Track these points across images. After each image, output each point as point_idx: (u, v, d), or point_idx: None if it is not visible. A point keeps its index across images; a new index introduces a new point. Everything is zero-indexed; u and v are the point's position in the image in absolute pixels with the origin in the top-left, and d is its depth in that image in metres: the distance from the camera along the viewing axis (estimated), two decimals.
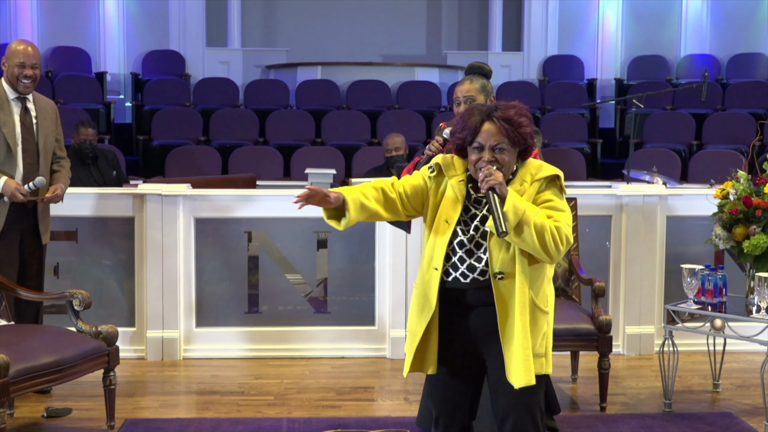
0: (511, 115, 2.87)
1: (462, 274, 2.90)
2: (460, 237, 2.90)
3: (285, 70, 12.04)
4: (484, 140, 2.87)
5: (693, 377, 5.21)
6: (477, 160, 2.88)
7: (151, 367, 5.40)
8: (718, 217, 4.58)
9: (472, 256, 2.90)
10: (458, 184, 2.95)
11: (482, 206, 2.93)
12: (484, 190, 2.81)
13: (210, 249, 5.62)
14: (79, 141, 7.04)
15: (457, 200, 2.93)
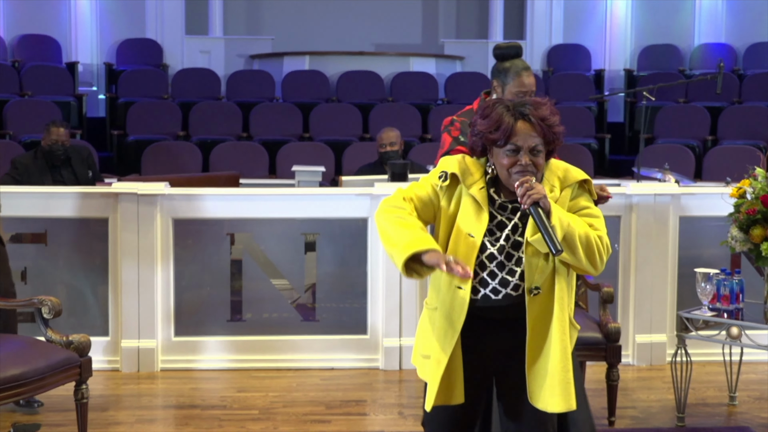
0: (546, 114, 2.79)
1: (493, 290, 2.82)
2: (489, 250, 2.81)
3: (270, 60, 12.04)
4: (521, 142, 2.76)
5: (708, 389, 5.22)
6: (512, 164, 2.77)
7: (126, 379, 5.40)
8: (735, 218, 4.59)
9: (503, 269, 2.82)
10: (479, 192, 2.83)
11: (508, 212, 2.84)
12: (526, 205, 2.70)
13: (190, 252, 5.62)
14: (50, 142, 6.93)
15: (481, 210, 2.81)
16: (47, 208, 5.47)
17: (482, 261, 2.81)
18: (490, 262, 2.82)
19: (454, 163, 2.87)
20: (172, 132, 10.00)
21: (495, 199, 2.85)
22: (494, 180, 2.86)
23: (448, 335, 2.84)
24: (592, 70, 12.20)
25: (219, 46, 12.23)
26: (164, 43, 11.93)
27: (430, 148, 8.97)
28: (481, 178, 2.85)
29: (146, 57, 11.76)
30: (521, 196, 2.70)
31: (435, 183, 2.86)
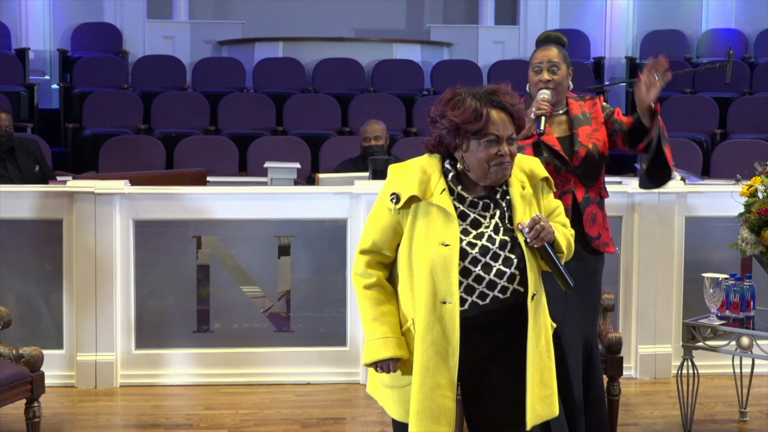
0: (516, 101, 2.91)
1: (480, 295, 2.88)
2: (471, 253, 2.88)
3: (240, 46, 12.03)
4: (500, 130, 2.87)
5: (716, 404, 5.25)
6: (491, 157, 2.86)
7: (82, 396, 5.38)
8: (745, 218, 4.62)
9: (490, 272, 2.88)
10: (442, 197, 2.90)
11: (479, 208, 2.92)
12: (538, 246, 2.87)
13: (152, 257, 5.61)
14: None
15: (449, 216, 2.89)
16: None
17: (465, 267, 2.86)
18: (475, 266, 2.87)
19: (408, 180, 2.94)
20: (132, 125, 9.96)
21: (464, 196, 2.93)
22: (459, 176, 2.94)
23: (449, 355, 2.88)
24: (591, 58, 12.25)
25: (184, 32, 12.20)
26: (124, 28, 11.89)
27: (415, 143, 8.97)
28: (441, 180, 2.93)
29: (104, 43, 11.72)
30: (532, 238, 2.85)
31: (390, 207, 2.94)
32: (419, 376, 2.88)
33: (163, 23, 12.18)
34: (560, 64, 4.11)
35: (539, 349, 2.93)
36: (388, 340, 2.94)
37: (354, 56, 11.49)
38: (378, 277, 2.99)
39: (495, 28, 12.58)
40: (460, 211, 2.91)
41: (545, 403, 2.94)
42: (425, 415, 2.87)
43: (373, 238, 2.99)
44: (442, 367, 2.88)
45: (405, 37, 12.42)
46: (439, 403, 2.87)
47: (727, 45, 10.79)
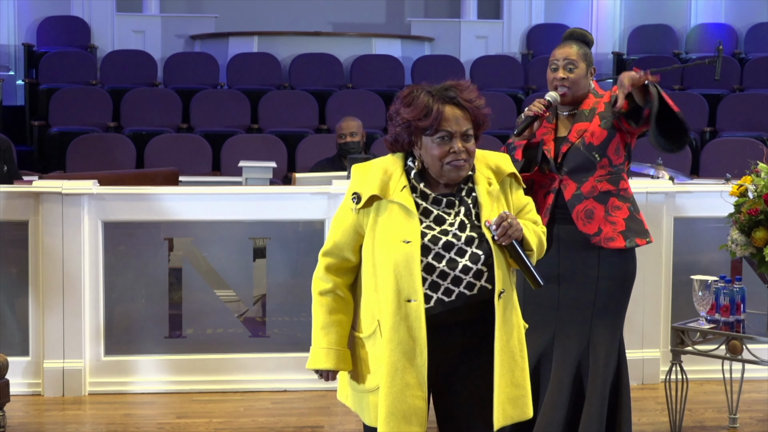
0: (473, 97, 2.94)
1: (446, 292, 2.91)
2: (434, 249, 2.91)
3: (214, 41, 12.01)
4: (452, 126, 2.91)
5: (706, 410, 5.28)
6: (445, 154, 2.91)
7: (49, 404, 5.36)
8: (735, 219, 4.65)
9: (455, 267, 2.91)
10: (402, 195, 2.94)
11: (443, 205, 2.96)
12: (505, 243, 2.90)
13: (122, 260, 5.60)
14: None
15: (409, 212, 2.93)
16: None
17: (429, 264, 2.90)
18: (439, 262, 2.90)
19: (369, 179, 2.98)
20: (101, 123, 9.94)
21: (427, 193, 2.97)
22: (422, 174, 2.99)
23: (417, 355, 2.90)
24: None
25: (155, 25, 12.17)
26: (92, 22, 11.86)
27: None
28: (402, 178, 2.97)
29: (71, 37, 11.68)
30: (499, 236, 2.88)
31: (351, 206, 2.99)
32: (388, 378, 2.90)
33: (134, 17, 12.15)
34: (578, 62, 4.07)
35: (510, 348, 2.95)
36: (330, 351, 3.01)
37: (332, 51, 11.49)
38: (335, 284, 3.04)
39: (478, 23, 12.61)
40: (423, 208, 2.95)
41: (516, 405, 2.96)
42: (396, 417, 2.90)
43: (335, 239, 3.03)
44: (410, 367, 2.90)
45: (385, 32, 12.44)
46: (409, 403, 2.90)
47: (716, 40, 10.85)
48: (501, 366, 2.93)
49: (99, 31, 11.89)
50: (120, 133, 9.70)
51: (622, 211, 3.99)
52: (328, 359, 3.01)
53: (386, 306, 2.91)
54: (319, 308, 3.05)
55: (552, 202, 3.94)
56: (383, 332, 2.93)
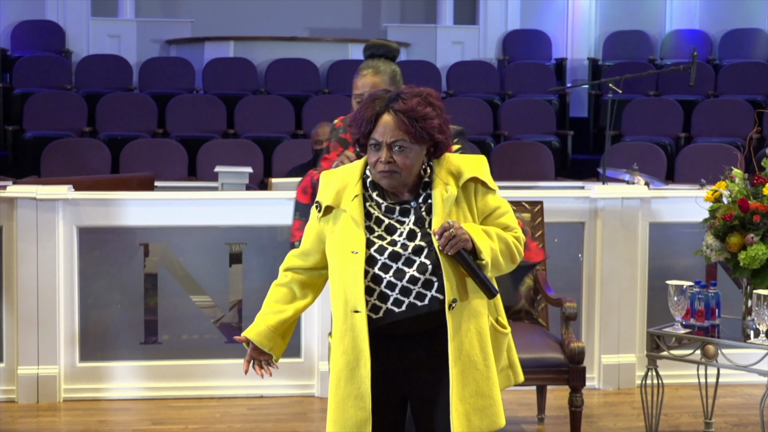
0: (413, 106, 2.86)
1: (395, 302, 2.88)
2: (380, 260, 2.88)
3: (189, 45, 11.98)
4: (380, 136, 2.87)
5: (681, 415, 5.31)
6: (375, 162, 2.89)
7: (23, 411, 5.33)
8: (710, 224, 4.67)
9: (403, 278, 2.87)
10: (352, 204, 2.92)
11: (396, 214, 2.93)
12: (451, 254, 2.82)
13: (97, 265, 5.57)
14: None
15: (356, 223, 2.90)
16: None
17: (375, 274, 2.88)
18: (386, 273, 2.88)
19: (329, 188, 2.99)
20: (76, 128, 9.89)
21: (380, 202, 2.94)
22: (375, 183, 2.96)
23: (361, 365, 2.89)
24: (553, 59, 12.34)
25: (130, 30, 12.13)
26: (67, 26, 11.81)
27: None
28: (357, 186, 2.95)
29: (46, 41, 11.62)
30: (442, 246, 2.81)
31: (316, 216, 3.01)
32: (333, 387, 2.93)
33: (109, 21, 12.10)
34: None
35: (470, 358, 2.89)
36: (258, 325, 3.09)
37: (308, 56, 11.48)
38: (292, 279, 3.09)
39: (454, 28, 12.63)
40: (375, 217, 2.93)
41: (484, 415, 2.90)
42: (338, 426, 2.91)
43: (305, 246, 3.07)
44: (351, 378, 2.89)
45: (361, 37, 12.41)
46: (350, 414, 2.89)
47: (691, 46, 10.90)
48: (460, 376, 2.88)
49: (74, 35, 11.84)
50: (95, 138, 9.66)
51: None
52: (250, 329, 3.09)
53: (336, 316, 2.93)
54: (269, 296, 3.13)
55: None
56: (333, 342, 2.96)
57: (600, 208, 5.74)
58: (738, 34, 12.41)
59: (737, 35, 12.40)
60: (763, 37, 12.42)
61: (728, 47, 12.34)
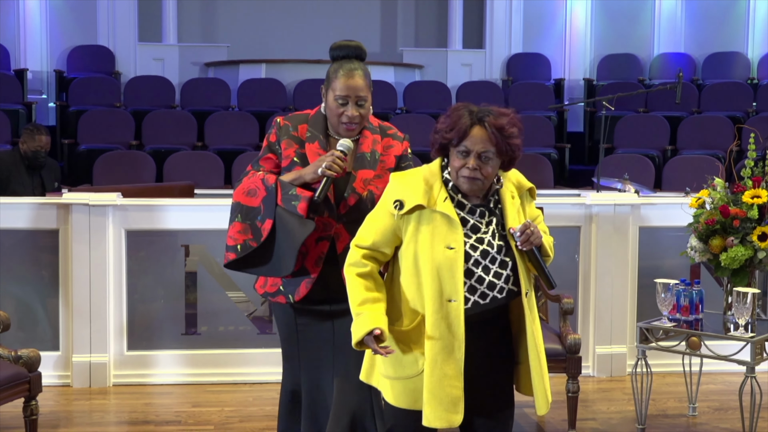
0: (503, 124, 2.90)
1: (481, 295, 2.93)
2: (473, 256, 2.92)
3: (226, 68, 12.01)
4: (471, 145, 2.89)
5: (668, 400, 5.28)
6: (461, 167, 2.91)
7: (77, 395, 5.34)
8: (694, 228, 4.66)
9: (489, 273, 2.93)
10: (445, 205, 2.93)
11: (477, 215, 2.96)
12: (526, 249, 2.92)
13: (143, 264, 5.58)
14: (33, 147, 7.18)
15: (452, 221, 2.91)
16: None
17: (468, 269, 2.91)
18: (477, 268, 2.92)
19: (411, 188, 2.96)
20: (124, 141, 9.93)
21: (464, 203, 2.97)
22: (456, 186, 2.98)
23: (455, 349, 2.90)
24: (552, 80, 12.32)
25: (173, 54, 12.17)
26: (116, 50, 11.85)
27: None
28: (442, 189, 2.96)
29: (98, 64, 11.68)
30: (522, 242, 2.90)
31: (392, 212, 2.97)
32: (429, 368, 2.91)
33: (154, 46, 12.14)
34: (367, 95, 3.32)
35: (537, 341, 3.01)
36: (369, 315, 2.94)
37: None
38: (371, 268, 3.02)
39: (463, 52, 12.62)
40: (461, 217, 2.95)
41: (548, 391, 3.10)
42: (436, 402, 2.91)
43: (373, 239, 3.01)
44: (449, 360, 2.90)
45: (379, 60, 12.44)
46: (447, 392, 2.90)
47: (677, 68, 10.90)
48: (537, 356, 3.00)
49: (123, 58, 11.88)
50: (141, 150, 9.69)
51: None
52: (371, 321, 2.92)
53: (429, 305, 2.91)
54: (357, 287, 2.99)
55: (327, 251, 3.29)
56: (426, 327, 2.93)
57: (594, 214, 5.72)
58: (719, 56, 12.37)
59: (719, 58, 12.36)
60: (742, 60, 12.38)
61: (710, 69, 12.30)
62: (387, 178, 3.18)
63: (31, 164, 7.18)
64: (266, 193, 3.26)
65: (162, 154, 9.42)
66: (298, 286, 3.34)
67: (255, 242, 3.29)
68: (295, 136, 3.33)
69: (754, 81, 12.05)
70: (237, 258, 3.35)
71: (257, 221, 3.29)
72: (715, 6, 12.64)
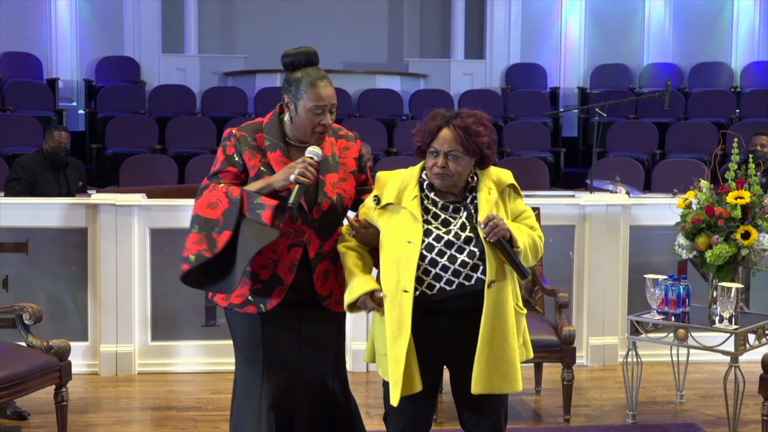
0: (468, 124, 2.95)
1: (447, 282, 2.92)
2: (438, 247, 2.92)
3: (243, 77, 12.01)
4: (439, 146, 2.96)
5: (657, 388, 5.27)
6: (432, 166, 2.97)
7: (104, 382, 5.35)
8: (681, 227, 4.64)
9: (455, 262, 2.93)
10: (412, 203, 2.98)
11: (450, 211, 2.98)
12: (492, 240, 2.88)
13: (166, 260, 5.58)
14: (54, 144, 7.06)
15: (415, 219, 2.96)
16: (29, 218, 5.42)
17: (432, 259, 2.92)
18: (441, 258, 2.93)
19: (389, 186, 3.04)
20: (149, 145, 9.93)
21: (437, 201, 3.00)
22: (432, 184, 3.03)
23: (402, 334, 2.92)
24: (548, 88, 12.29)
25: (194, 64, 12.17)
26: (141, 61, 11.86)
27: (396, 161, 8.98)
28: (415, 188, 3.02)
29: (124, 74, 11.68)
30: (487, 233, 2.88)
31: (371, 206, 3.05)
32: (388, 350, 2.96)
33: (176, 57, 12.14)
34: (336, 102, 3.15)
35: (501, 330, 2.93)
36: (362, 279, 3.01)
37: (342, 86, 11.47)
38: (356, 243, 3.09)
39: (465, 62, 12.60)
40: (433, 213, 2.99)
41: (505, 378, 2.95)
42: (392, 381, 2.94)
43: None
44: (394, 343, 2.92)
45: (386, 69, 12.44)
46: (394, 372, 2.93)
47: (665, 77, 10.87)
48: (489, 343, 2.92)
49: (147, 68, 11.89)
50: (165, 154, 9.69)
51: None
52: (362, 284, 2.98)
53: (387, 292, 2.95)
54: (350, 257, 3.07)
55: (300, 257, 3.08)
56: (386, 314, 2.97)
57: (588, 214, 5.71)
58: (705, 66, 12.33)
59: (704, 68, 12.32)
60: (726, 70, 12.34)
61: (697, 78, 12.26)
62: (351, 180, 3.16)
63: (54, 162, 7.03)
64: (229, 205, 3.01)
65: (184, 157, 9.42)
66: (270, 295, 3.08)
67: (209, 252, 2.97)
68: (255, 145, 3.10)
69: (738, 89, 12.01)
70: (191, 269, 3.03)
71: (214, 232, 2.99)
72: (700, 19, 12.60)
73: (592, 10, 12.62)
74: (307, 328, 3.14)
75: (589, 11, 12.62)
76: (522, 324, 3.08)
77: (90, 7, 11.79)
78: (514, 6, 12.46)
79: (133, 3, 11.75)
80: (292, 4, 12.48)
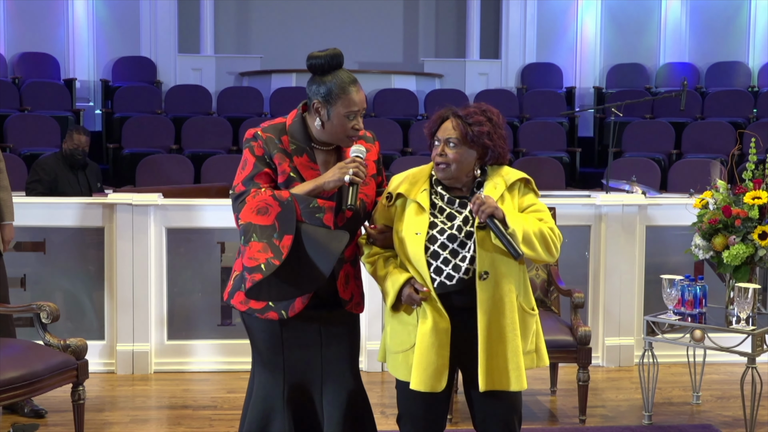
0: (469, 113, 2.98)
1: (447, 276, 2.92)
2: (440, 240, 2.92)
3: (259, 77, 12.04)
4: (440, 135, 2.99)
5: (673, 389, 5.25)
6: (434, 156, 3.00)
7: (121, 381, 5.37)
8: (698, 227, 4.62)
9: (456, 256, 2.92)
10: (421, 196, 2.99)
11: (456, 205, 2.98)
12: (482, 219, 2.84)
13: (182, 260, 5.60)
14: (72, 146, 7.08)
15: (422, 210, 2.96)
16: (46, 217, 5.45)
17: (435, 251, 2.92)
18: (443, 251, 2.92)
19: (399, 183, 3.05)
20: (165, 145, 9.97)
21: (443, 195, 3.00)
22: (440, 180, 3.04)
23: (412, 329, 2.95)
24: (564, 88, 12.26)
25: (210, 64, 12.21)
26: (158, 61, 11.91)
27: (411, 161, 8.98)
28: (425, 183, 3.02)
29: (141, 74, 11.73)
30: (475, 212, 2.85)
31: (384, 203, 3.05)
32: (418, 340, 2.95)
33: (192, 57, 12.19)
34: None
35: (499, 323, 2.91)
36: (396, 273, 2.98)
37: None
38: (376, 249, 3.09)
39: (480, 62, 12.59)
40: (439, 207, 2.99)
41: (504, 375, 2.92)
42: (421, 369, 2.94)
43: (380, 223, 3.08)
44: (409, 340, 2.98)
45: (402, 69, 12.44)
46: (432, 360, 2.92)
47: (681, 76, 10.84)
48: (487, 337, 2.89)
49: (164, 68, 11.94)
50: (181, 154, 9.73)
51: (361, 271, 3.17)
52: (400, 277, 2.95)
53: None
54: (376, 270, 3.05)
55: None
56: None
57: (604, 214, 5.69)
58: (722, 66, 12.28)
59: (721, 67, 12.26)
60: (743, 69, 12.28)
61: (713, 77, 12.21)
62: (372, 185, 3.08)
63: (72, 163, 7.05)
64: (281, 209, 2.89)
65: (200, 157, 9.45)
66: (292, 301, 2.99)
67: (277, 260, 2.84)
68: (282, 148, 3.00)
69: (755, 89, 11.95)
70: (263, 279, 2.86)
71: (274, 239, 2.87)
72: (717, 18, 12.54)
73: (609, 9, 12.59)
74: (327, 329, 3.09)
75: (606, 10, 12.59)
76: (532, 326, 3.01)
77: (107, 7, 11.84)
78: (529, 5, 12.44)
79: (149, 3, 11.80)
80: (307, 5, 12.50)
